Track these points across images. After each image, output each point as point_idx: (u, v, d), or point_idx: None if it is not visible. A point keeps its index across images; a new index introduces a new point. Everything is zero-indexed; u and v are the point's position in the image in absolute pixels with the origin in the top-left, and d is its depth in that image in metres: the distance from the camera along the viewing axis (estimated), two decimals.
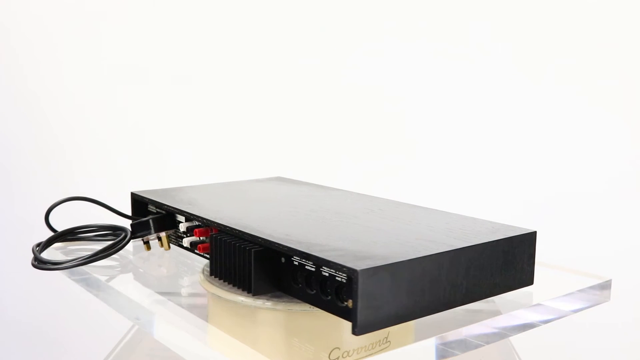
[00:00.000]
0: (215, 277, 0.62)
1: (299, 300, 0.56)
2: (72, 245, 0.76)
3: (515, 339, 0.81)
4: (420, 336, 0.58)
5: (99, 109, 1.32)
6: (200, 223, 0.67)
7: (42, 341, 1.39)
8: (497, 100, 1.22)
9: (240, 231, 0.61)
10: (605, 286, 0.65)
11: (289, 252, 0.55)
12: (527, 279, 0.61)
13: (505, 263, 0.59)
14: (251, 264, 0.58)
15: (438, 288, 0.54)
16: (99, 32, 1.30)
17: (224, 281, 0.61)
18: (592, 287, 0.64)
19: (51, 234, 0.74)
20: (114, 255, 0.75)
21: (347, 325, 0.50)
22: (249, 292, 0.58)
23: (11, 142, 1.33)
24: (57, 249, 0.74)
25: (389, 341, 0.62)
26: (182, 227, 0.69)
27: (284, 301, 0.58)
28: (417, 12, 1.23)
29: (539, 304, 0.60)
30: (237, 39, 1.28)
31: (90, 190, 1.03)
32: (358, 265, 0.50)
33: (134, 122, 1.32)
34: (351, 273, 0.49)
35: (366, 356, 0.60)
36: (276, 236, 0.58)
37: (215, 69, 1.29)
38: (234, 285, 0.60)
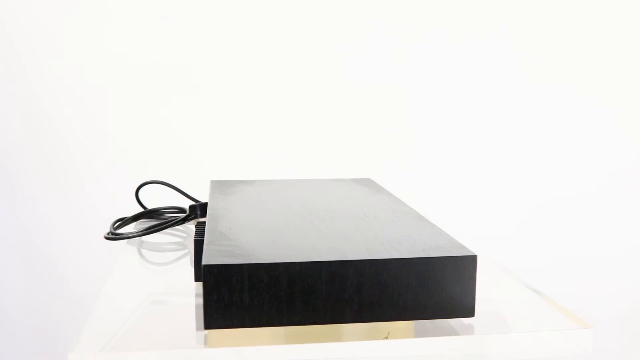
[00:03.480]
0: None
1: None
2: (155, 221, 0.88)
3: None
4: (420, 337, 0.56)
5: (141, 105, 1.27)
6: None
7: (41, 341, 1.37)
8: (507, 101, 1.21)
9: (204, 222, 0.65)
10: (584, 333, 0.53)
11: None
12: (463, 309, 0.53)
13: (424, 285, 0.53)
14: (194, 252, 0.62)
15: (316, 298, 0.52)
16: (112, 26, 1.26)
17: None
18: (563, 331, 0.53)
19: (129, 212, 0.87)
20: (177, 233, 0.85)
21: (347, 325, 0.52)
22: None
23: (12, 141, 1.30)
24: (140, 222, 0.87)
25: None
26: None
27: None
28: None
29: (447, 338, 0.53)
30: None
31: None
32: (209, 261, 0.51)
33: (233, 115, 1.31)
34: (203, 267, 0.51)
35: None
36: (218, 229, 0.61)
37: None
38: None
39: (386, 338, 0.55)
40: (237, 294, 0.51)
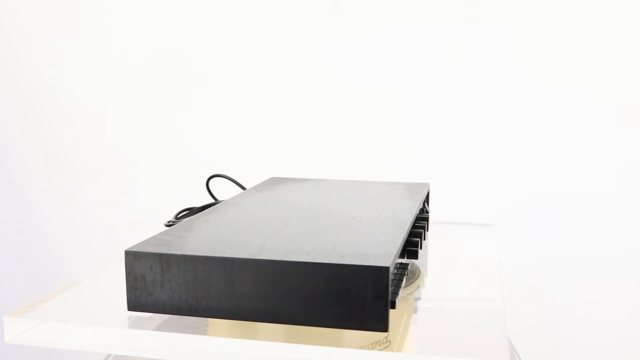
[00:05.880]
0: None
1: None
2: None
3: (515, 339, 0.81)
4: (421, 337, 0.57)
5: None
6: None
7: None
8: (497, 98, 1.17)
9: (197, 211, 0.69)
10: None
11: None
12: (373, 323, 0.51)
13: (330, 293, 0.51)
14: None
15: (228, 294, 0.53)
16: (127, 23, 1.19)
17: None
18: None
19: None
20: None
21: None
22: None
23: (12, 142, 1.26)
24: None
25: (389, 341, 0.61)
26: None
27: None
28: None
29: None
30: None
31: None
32: (133, 247, 0.55)
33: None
34: None
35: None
36: (193, 221, 0.65)
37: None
38: None
39: (386, 338, 0.55)
40: (153, 281, 0.54)
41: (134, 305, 0.55)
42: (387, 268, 0.50)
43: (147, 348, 0.53)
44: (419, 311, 0.62)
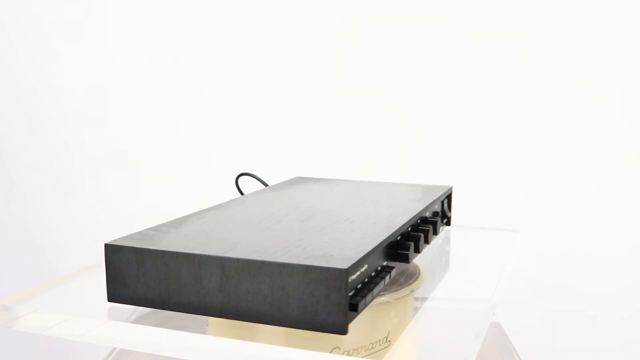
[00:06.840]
0: None
1: None
2: None
3: (515, 339, 0.81)
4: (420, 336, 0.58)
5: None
6: None
7: (41, 341, 1.28)
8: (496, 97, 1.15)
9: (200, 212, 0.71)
10: None
11: None
12: (331, 325, 0.50)
13: (291, 294, 0.51)
14: None
15: (196, 290, 0.54)
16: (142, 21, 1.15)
17: None
18: None
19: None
20: None
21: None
22: None
23: (12, 140, 1.23)
24: None
25: (389, 341, 0.61)
26: None
27: None
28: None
29: None
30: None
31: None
32: (112, 241, 0.57)
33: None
34: None
35: (366, 355, 0.60)
36: (186, 218, 0.66)
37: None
38: None
39: (386, 338, 0.55)
40: (130, 274, 0.55)
41: (113, 296, 0.57)
42: (344, 270, 0.49)
43: (147, 342, 0.55)
44: (415, 312, 0.62)
